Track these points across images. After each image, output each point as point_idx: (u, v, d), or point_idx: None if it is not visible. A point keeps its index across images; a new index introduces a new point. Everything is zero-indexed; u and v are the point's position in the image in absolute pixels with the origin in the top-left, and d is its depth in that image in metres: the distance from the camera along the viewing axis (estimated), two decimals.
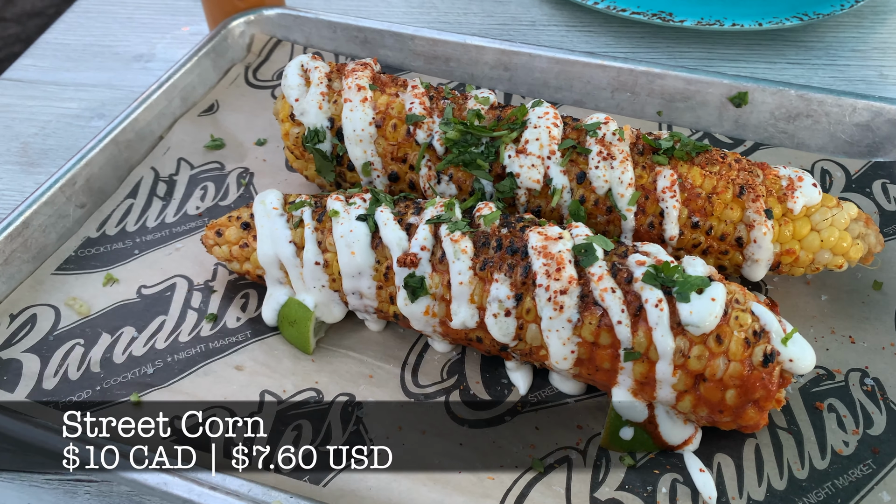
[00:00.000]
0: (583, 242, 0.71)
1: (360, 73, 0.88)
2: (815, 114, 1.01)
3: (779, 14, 1.19)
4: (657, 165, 0.80)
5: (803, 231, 0.78)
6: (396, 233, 0.75)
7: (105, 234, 0.94)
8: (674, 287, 0.68)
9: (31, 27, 3.13)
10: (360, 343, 0.83)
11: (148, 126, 1.04)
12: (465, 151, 0.82)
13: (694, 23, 1.19)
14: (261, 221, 0.81)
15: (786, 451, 0.72)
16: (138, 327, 0.83)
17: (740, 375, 0.66)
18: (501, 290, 0.71)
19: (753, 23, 1.18)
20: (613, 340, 0.68)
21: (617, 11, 1.22)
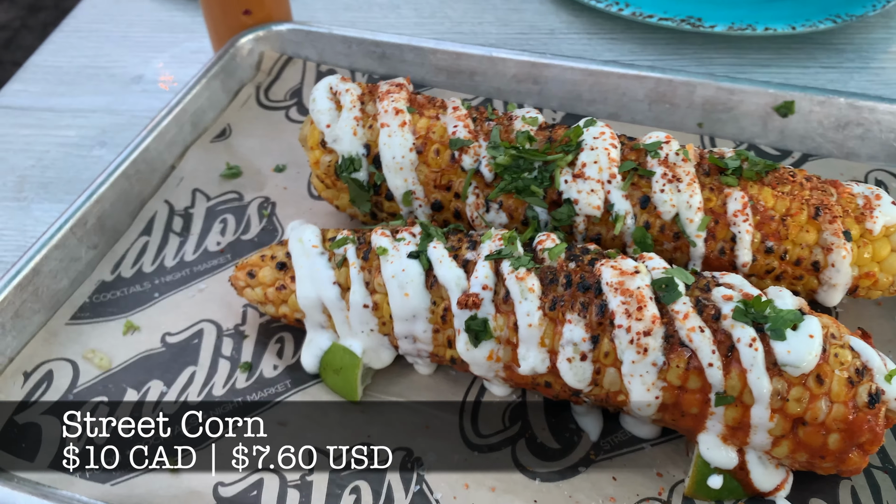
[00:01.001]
0: (662, 277, 0.66)
1: (396, 95, 0.81)
2: (866, 122, 0.96)
3: (811, 17, 1.15)
4: (726, 187, 0.74)
5: (883, 252, 0.74)
6: (454, 271, 0.69)
7: (121, 277, 0.86)
8: (766, 323, 0.62)
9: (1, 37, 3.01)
10: (411, 389, 0.76)
11: (159, 156, 0.96)
12: (518, 177, 0.76)
13: (725, 28, 1.14)
14: (299, 261, 0.74)
15: (884, 493, 0.67)
16: (166, 380, 0.76)
17: (845, 418, 0.61)
18: (576, 332, 0.65)
19: (787, 26, 1.13)
20: (704, 384, 0.63)
21: (644, 18, 1.17)
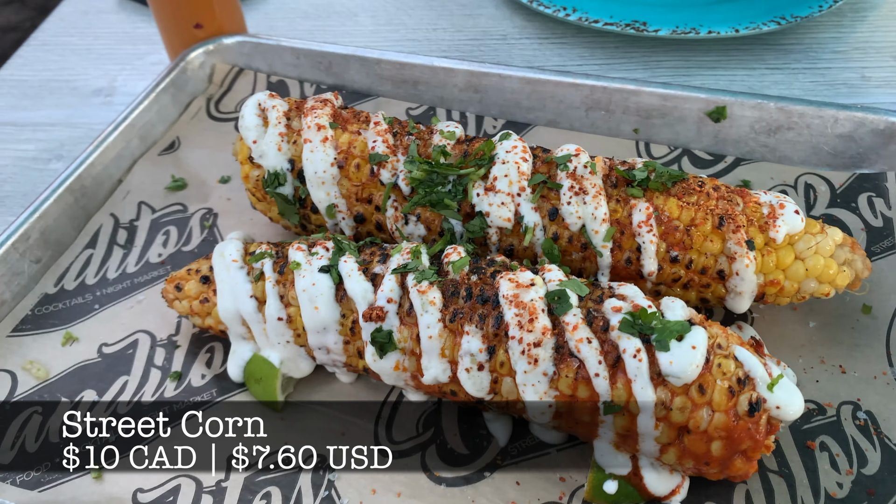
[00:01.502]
0: (556, 289, 0.68)
1: (320, 112, 0.84)
2: (797, 126, 0.97)
3: (756, 19, 1.16)
4: (632, 198, 0.76)
5: (787, 260, 0.75)
6: (361, 284, 0.71)
7: (63, 289, 0.90)
8: (652, 334, 0.64)
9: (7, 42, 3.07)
10: (332, 396, 0.79)
11: (105, 170, 0.99)
12: (432, 191, 0.79)
13: (669, 32, 1.15)
14: (220, 276, 0.77)
15: (777, 497, 0.69)
16: (99, 390, 0.80)
17: (726, 426, 0.62)
18: (473, 344, 0.67)
19: (730, 29, 1.14)
20: (592, 393, 0.65)
21: (589, 23, 1.18)
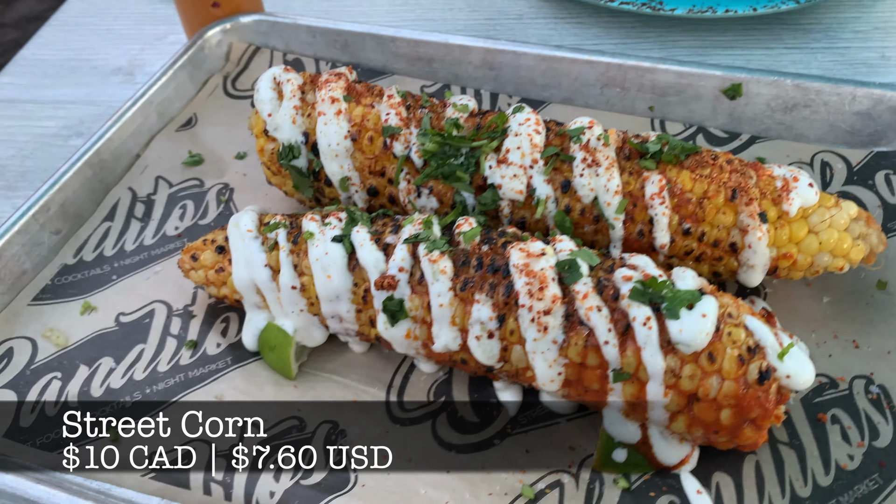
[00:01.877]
0: (566, 258, 0.68)
1: (334, 85, 0.85)
2: (813, 103, 0.96)
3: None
4: (645, 171, 0.76)
5: (800, 234, 0.75)
6: (373, 254, 0.72)
7: (82, 261, 0.91)
8: (662, 303, 0.64)
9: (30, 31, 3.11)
10: (344, 366, 0.80)
11: (124, 145, 1.01)
12: (444, 163, 0.79)
13: (685, 11, 1.14)
14: (235, 245, 0.78)
15: (787, 468, 0.69)
16: (116, 357, 0.81)
17: (735, 395, 0.63)
18: (483, 312, 0.68)
19: (748, 8, 1.13)
20: (601, 361, 0.65)
21: (606, 2, 1.18)
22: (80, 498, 0.67)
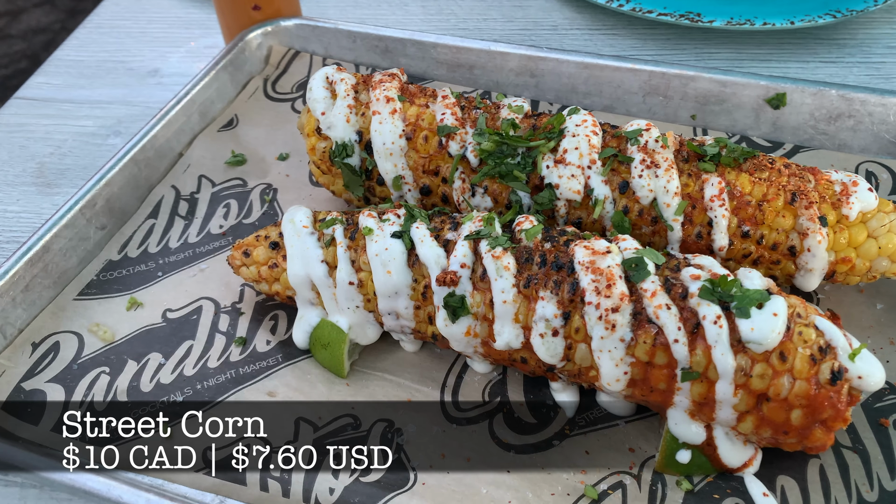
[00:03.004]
0: (633, 256, 0.68)
1: (389, 84, 0.85)
2: (858, 114, 0.97)
3: (811, 12, 1.16)
4: (704, 173, 0.76)
5: (860, 238, 0.75)
6: (434, 250, 0.72)
7: (127, 257, 0.91)
8: (732, 302, 0.64)
9: (37, 44, 3.12)
10: (396, 365, 0.79)
11: (167, 143, 1.01)
12: (501, 163, 0.79)
13: (724, 23, 1.15)
14: (290, 241, 0.77)
15: (853, 472, 0.68)
16: (165, 353, 0.80)
17: (807, 394, 0.62)
18: (548, 309, 0.67)
19: (785, 21, 1.14)
20: (670, 360, 0.65)
21: (643, 13, 1.19)
22: (138, 489, 0.66)
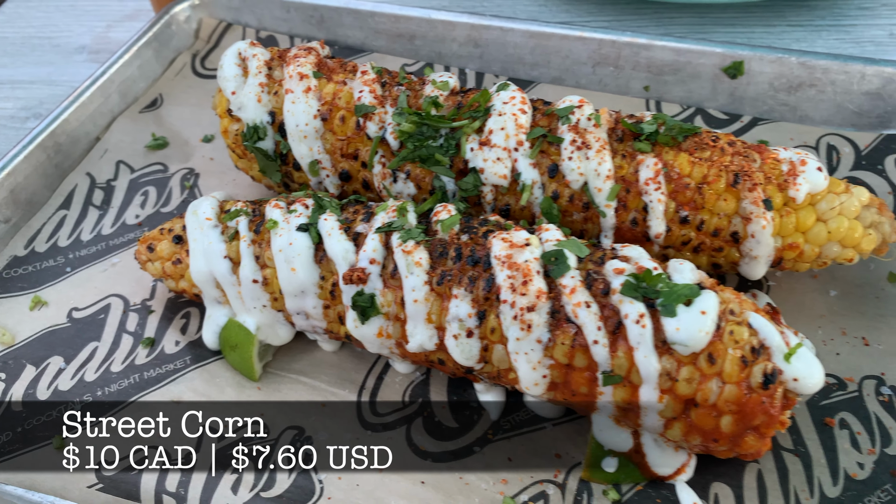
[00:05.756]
0: (553, 249, 0.62)
1: (303, 60, 0.78)
2: (820, 83, 0.90)
3: None
4: (639, 153, 0.70)
5: (808, 222, 0.69)
6: (342, 244, 0.66)
7: (34, 252, 0.85)
8: (658, 298, 0.58)
9: None
10: (313, 366, 0.74)
11: (82, 127, 0.94)
12: (422, 145, 0.73)
13: None
14: (193, 234, 0.72)
15: (792, 478, 0.63)
16: (67, 356, 0.75)
17: (737, 400, 0.57)
18: (462, 308, 0.62)
19: None
20: (590, 363, 0.59)
21: None
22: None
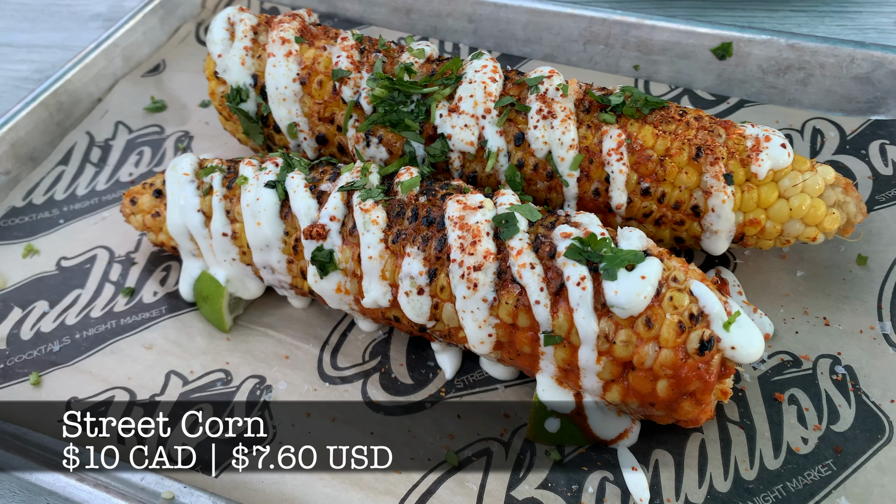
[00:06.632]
0: (505, 212, 0.63)
1: (287, 25, 0.80)
2: (808, 66, 0.89)
3: None
4: (604, 125, 0.70)
5: (770, 198, 0.69)
6: (306, 201, 0.68)
7: (31, 204, 0.89)
8: (601, 262, 0.59)
9: None
10: (282, 321, 0.76)
11: (84, 88, 0.98)
12: (393, 110, 0.74)
13: None
14: (171, 189, 0.75)
15: (734, 448, 0.63)
16: (52, 301, 0.79)
17: (672, 364, 0.57)
18: (413, 266, 0.64)
19: None
20: (532, 322, 0.61)
21: None
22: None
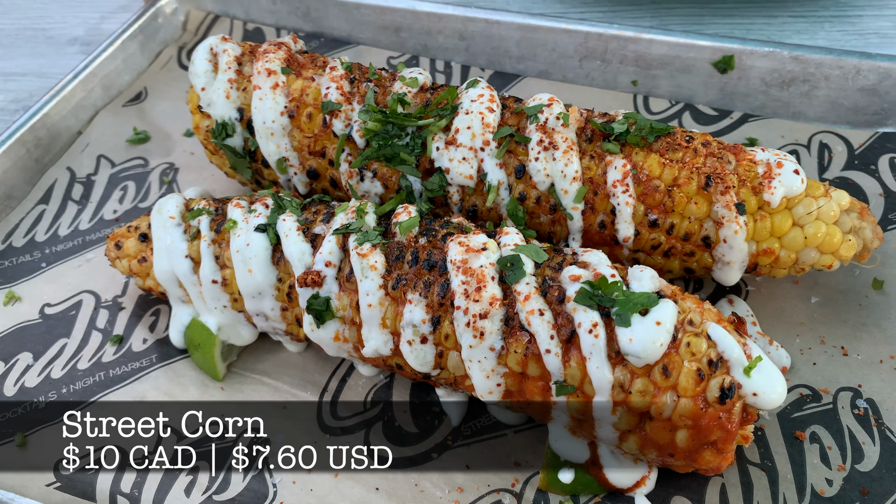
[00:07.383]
0: (510, 254, 0.60)
1: (272, 55, 0.77)
2: (813, 78, 0.87)
3: None
4: (608, 154, 0.68)
5: (784, 227, 0.66)
6: (299, 245, 0.65)
7: (11, 247, 0.85)
8: (613, 307, 0.56)
9: None
10: (277, 367, 0.73)
11: (63, 121, 0.94)
12: (387, 144, 0.71)
13: None
14: (157, 233, 0.71)
15: (756, 493, 0.61)
16: (36, 353, 0.75)
17: (692, 414, 0.55)
18: (416, 314, 0.60)
19: None
20: (543, 372, 0.58)
21: None
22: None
